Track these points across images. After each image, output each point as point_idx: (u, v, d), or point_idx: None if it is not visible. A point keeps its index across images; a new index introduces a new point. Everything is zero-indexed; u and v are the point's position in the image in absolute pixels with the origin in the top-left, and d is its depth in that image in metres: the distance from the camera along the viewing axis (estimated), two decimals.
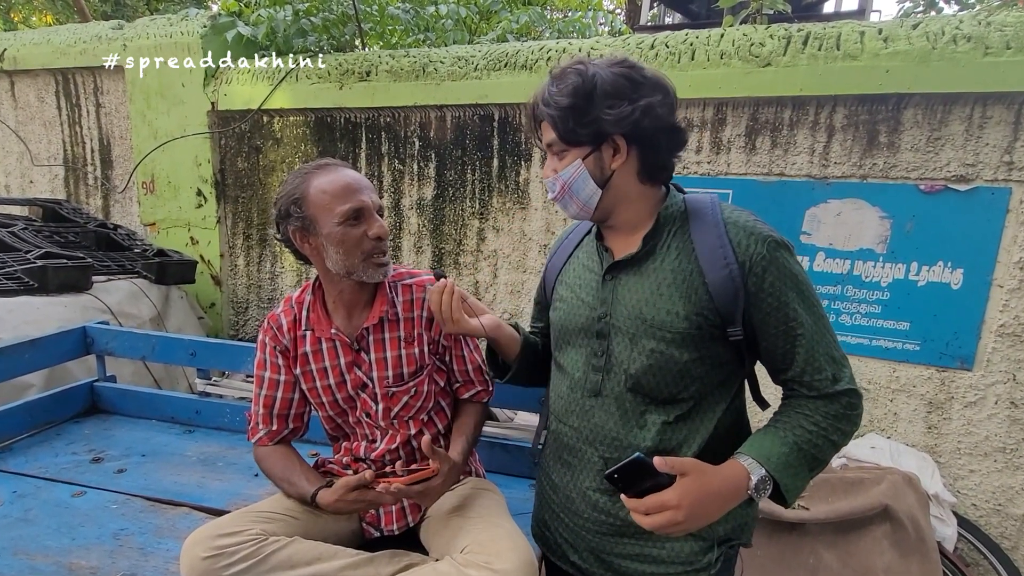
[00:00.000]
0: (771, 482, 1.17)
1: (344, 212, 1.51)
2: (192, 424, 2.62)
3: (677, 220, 1.31)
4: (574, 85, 1.23)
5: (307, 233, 1.55)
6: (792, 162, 2.91)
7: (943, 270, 2.70)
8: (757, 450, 1.20)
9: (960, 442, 2.76)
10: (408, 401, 1.67)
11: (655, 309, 1.26)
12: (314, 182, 1.53)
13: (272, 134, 4.06)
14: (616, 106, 1.22)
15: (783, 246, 1.23)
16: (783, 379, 1.29)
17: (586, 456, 1.37)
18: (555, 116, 1.25)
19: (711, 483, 1.13)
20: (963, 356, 2.71)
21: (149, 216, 4.47)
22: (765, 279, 1.20)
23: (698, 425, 1.30)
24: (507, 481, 2.13)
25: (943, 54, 2.58)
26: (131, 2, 11.01)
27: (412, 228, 3.80)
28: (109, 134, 4.61)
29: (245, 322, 4.39)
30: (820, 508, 2.41)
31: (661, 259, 1.29)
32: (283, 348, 1.67)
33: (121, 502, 2.03)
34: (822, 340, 1.23)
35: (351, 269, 1.54)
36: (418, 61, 3.56)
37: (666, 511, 1.09)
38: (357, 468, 1.70)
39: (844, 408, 1.22)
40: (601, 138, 1.25)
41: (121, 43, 4.27)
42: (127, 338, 2.62)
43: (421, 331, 1.69)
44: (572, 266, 1.47)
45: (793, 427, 1.22)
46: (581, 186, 1.28)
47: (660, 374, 1.27)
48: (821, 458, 1.22)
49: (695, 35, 3.03)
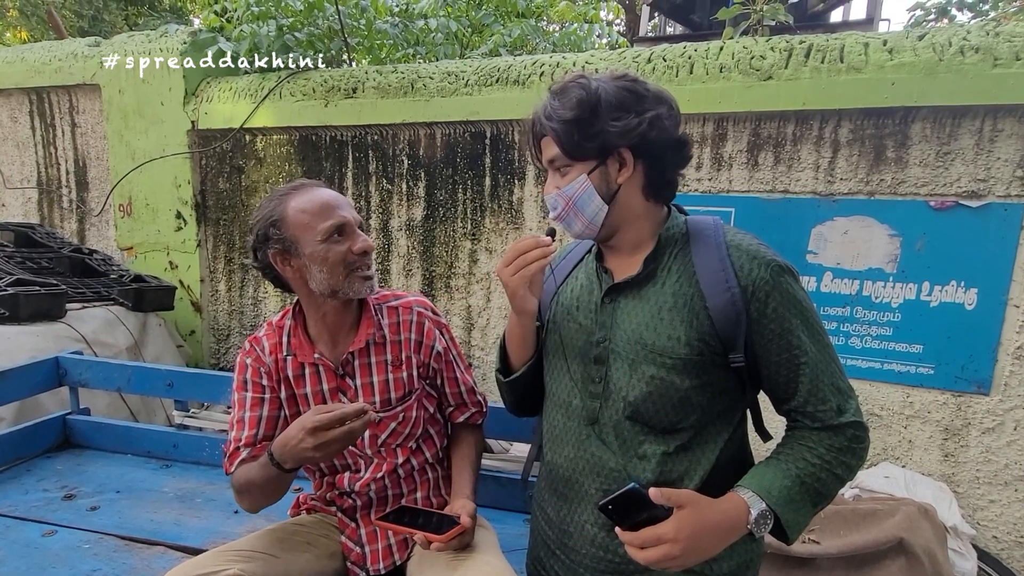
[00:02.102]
0: (772, 517, 1.17)
1: (326, 229, 1.53)
2: (169, 459, 2.62)
3: (679, 242, 1.33)
4: (578, 98, 1.24)
5: (288, 255, 1.56)
6: (796, 178, 2.95)
7: (956, 290, 2.72)
8: (758, 483, 1.20)
9: (979, 470, 2.76)
10: (396, 428, 1.68)
11: (655, 334, 1.27)
12: (291, 203, 1.55)
13: (255, 153, 4.10)
14: (622, 118, 1.24)
15: (787, 271, 1.25)
16: (786, 409, 1.29)
17: (583, 488, 1.36)
18: (558, 130, 1.27)
19: (709, 516, 1.13)
20: (979, 380, 2.72)
21: (126, 240, 4.50)
22: (768, 304, 1.22)
23: (700, 456, 1.29)
24: (500, 516, 2.13)
25: (950, 66, 2.62)
26: (109, 18, 11.11)
27: (401, 250, 3.82)
28: (85, 155, 4.65)
29: (227, 350, 4.40)
30: (831, 542, 2.41)
31: (662, 282, 1.30)
32: (267, 369, 1.67)
33: (94, 541, 2.02)
34: (827, 369, 1.24)
35: (336, 287, 1.56)
36: (406, 77, 3.61)
37: (662, 545, 1.08)
38: (341, 503, 1.70)
39: (849, 441, 1.23)
40: (607, 152, 1.27)
41: (97, 61, 4.32)
42: (101, 368, 2.63)
43: (409, 354, 1.70)
44: (570, 287, 1.47)
45: (796, 460, 1.22)
46: (586, 202, 1.29)
47: (660, 402, 1.27)
48: (825, 493, 1.23)
49: (694, 48, 3.08)
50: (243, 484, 1.55)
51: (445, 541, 1.42)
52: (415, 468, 1.73)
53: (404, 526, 1.50)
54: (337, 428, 1.35)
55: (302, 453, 1.37)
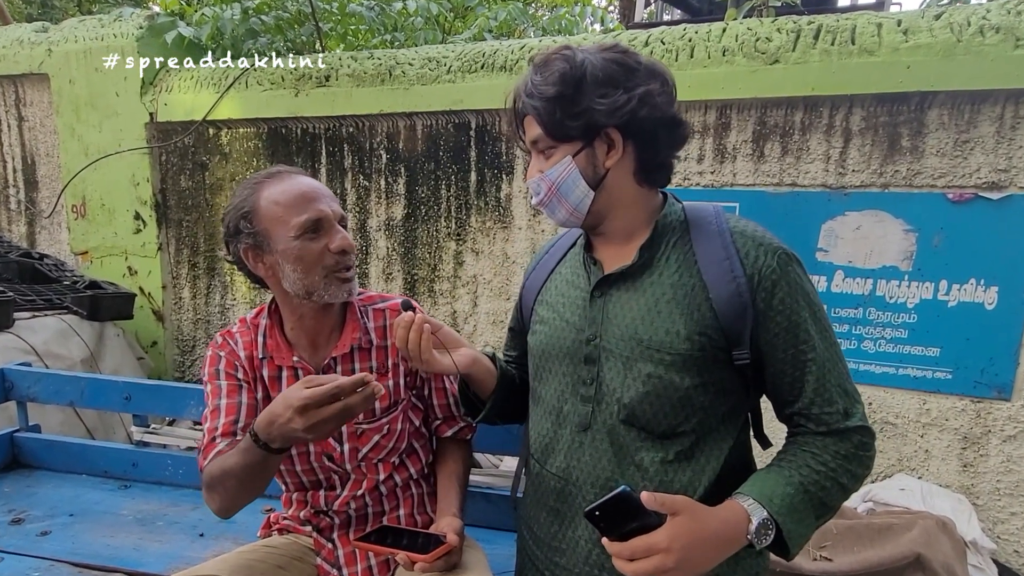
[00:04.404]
0: (773, 526, 1.16)
1: (300, 224, 1.50)
2: (128, 479, 2.60)
3: (677, 229, 1.32)
4: (560, 72, 1.22)
5: (260, 251, 1.54)
6: (805, 171, 2.97)
7: (975, 289, 2.75)
8: (759, 490, 1.19)
9: (999, 481, 2.79)
10: (379, 441, 1.66)
11: (652, 328, 1.25)
12: (265, 192, 1.53)
13: (219, 148, 4.10)
14: (609, 95, 1.22)
15: (795, 260, 1.25)
16: (789, 412, 1.29)
17: (575, 502, 1.34)
18: (540, 108, 1.25)
19: (706, 525, 1.10)
20: (1000, 385, 2.74)
21: (80, 243, 4.48)
22: (775, 295, 1.21)
23: (703, 465, 1.28)
24: (490, 536, 2.12)
25: (969, 47, 2.64)
26: (60, 3, 11.06)
27: (380, 252, 3.82)
28: (34, 151, 4.63)
29: (192, 362, 4.38)
30: (845, 559, 2.42)
31: (659, 272, 1.29)
32: (242, 364, 1.63)
33: (44, 569, 2.00)
34: (834, 369, 1.24)
35: (311, 288, 1.53)
36: (383, 63, 3.62)
37: (653, 556, 1.04)
38: (317, 522, 1.70)
39: (856, 448, 1.23)
40: (593, 132, 1.25)
41: (46, 48, 4.31)
42: (52, 381, 2.61)
43: (396, 361, 1.69)
44: (554, 283, 1.47)
45: (799, 466, 1.22)
46: (571, 187, 1.28)
47: (658, 402, 1.26)
48: (829, 503, 1.22)
49: (694, 29, 3.10)
50: (218, 475, 1.44)
51: (430, 561, 1.40)
52: (398, 484, 1.71)
53: (386, 546, 1.49)
54: (331, 405, 1.26)
55: (292, 433, 1.27)
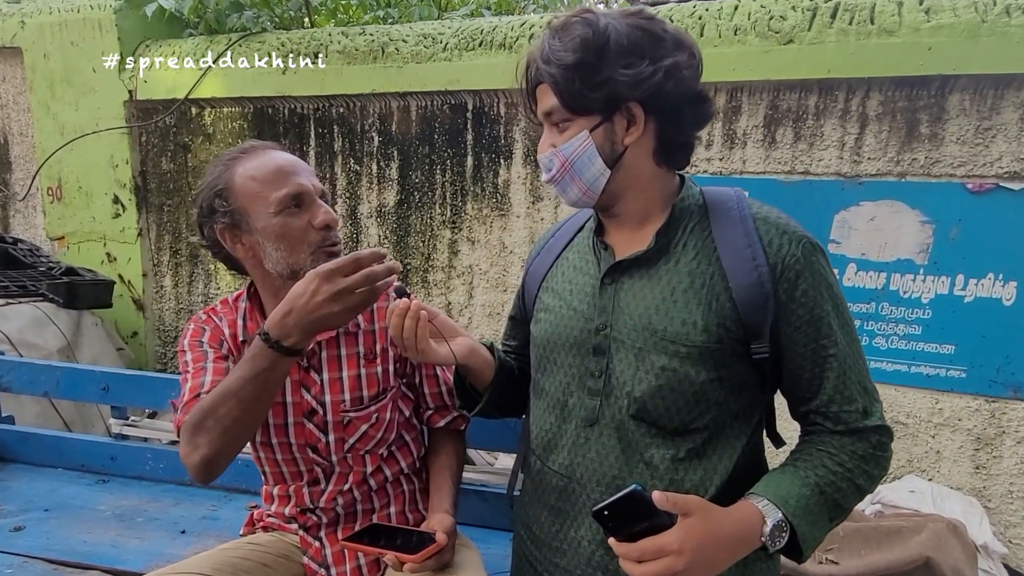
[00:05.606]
0: (788, 528, 1.15)
1: (280, 199, 1.48)
2: (106, 473, 2.59)
3: (695, 214, 1.31)
4: (582, 37, 1.19)
5: (238, 231, 1.52)
6: (818, 158, 2.96)
7: (993, 283, 2.75)
8: (773, 490, 1.18)
9: (1012, 484, 2.80)
10: (367, 431, 1.64)
11: (667, 318, 1.24)
12: (240, 168, 1.51)
13: (202, 129, 4.08)
14: (634, 65, 1.18)
15: (819, 250, 1.25)
16: (805, 410, 1.28)
17: (579, 501, 1.34)
18: (557, 76, 1.21)
19: (719, 526, 1.10)
20: (1016, 384, 2.75)
21: (56, 228, 4.46)
22: (798, 286, 1.21)
23: (716, 464, 1.28)
24: (485, 535, 2.12)
25: (995, 28, 2.62)
26: None
27: (372, 240, 3.82)
28: (7, 130, 4.61)
29: (174, 354, 4.37)
30: (852, 563, 2.43)
31: (676, 259, 1.28)
32: (225, 340, 1.62)
33: (17, 566, 1.99)
34: (855, 365, 1.23)
35: (297, 267, 1.50)
36: (376, 40, 3.60)
37: (664, 558, 1.04)
38: (304, 520, 1.69)
39: (874, 448, 1.22)
40: (614, 105, 1.22)
41: (18, 20, 4.27)
42: (26, 370, 2.60)
43: (385, 346, 1.68)
44: (560, 269, 1.46)
45: (815, 466, 1.21)
46: (586, 164, 1.26)
47: (671, 397, 1.25)
48: (844, 505, 1.22)
49: (704, 7, 3.08)
50: (209, 407, 1.37)
51: (420, 561, 1.38)
52: (388, 479, 1.71)
53: (375, 546, 1.47)
54: (355, 273, 1.27)
55: (317, 310, 1.26)
